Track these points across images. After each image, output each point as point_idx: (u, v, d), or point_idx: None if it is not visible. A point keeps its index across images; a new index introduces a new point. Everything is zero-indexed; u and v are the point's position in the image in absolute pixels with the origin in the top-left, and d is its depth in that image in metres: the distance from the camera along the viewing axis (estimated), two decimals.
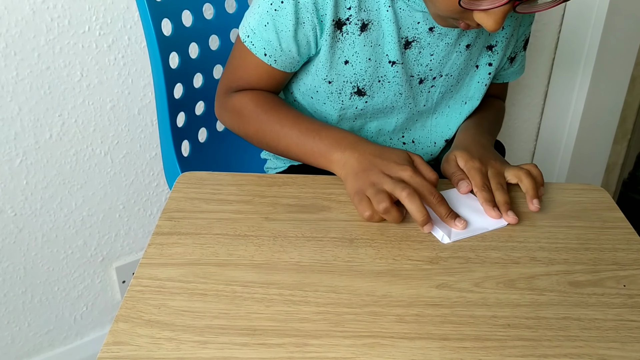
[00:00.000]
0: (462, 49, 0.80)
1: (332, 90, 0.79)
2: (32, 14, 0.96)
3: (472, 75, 0.85)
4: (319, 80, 0.79)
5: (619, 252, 0.63)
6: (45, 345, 1.24)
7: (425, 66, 0.79)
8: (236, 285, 0.56)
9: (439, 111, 0.87)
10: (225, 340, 0.50)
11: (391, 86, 0.79)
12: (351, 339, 0.50)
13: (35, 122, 1.03)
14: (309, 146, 0.73)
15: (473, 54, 0.82)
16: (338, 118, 0.82)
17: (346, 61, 0.76)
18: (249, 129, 0.79)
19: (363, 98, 0.80)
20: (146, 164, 1.18)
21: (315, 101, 0.82)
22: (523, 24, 0.86)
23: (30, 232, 1.12)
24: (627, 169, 1.78)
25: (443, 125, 0.88)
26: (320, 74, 0.78)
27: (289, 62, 0.77)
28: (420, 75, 0.80)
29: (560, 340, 0.51)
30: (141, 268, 0.57)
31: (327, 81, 0.78)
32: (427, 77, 0.81)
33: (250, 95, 0.79)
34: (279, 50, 0.75)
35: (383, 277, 0.57)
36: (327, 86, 0.79)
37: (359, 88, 0.79)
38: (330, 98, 0.80)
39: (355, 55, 0.76)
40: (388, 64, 0.77)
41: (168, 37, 0.89)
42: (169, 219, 0.64)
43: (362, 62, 0.77)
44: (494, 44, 0.83)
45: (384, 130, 0.86)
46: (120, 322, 0.51)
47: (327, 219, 0.65)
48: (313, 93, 0.82)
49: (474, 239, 0.63)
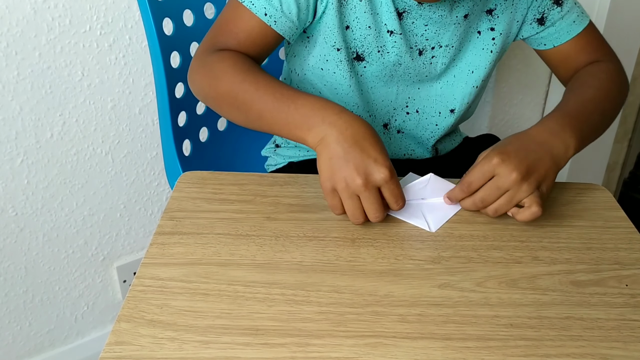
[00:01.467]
0: (460, 20, 0.79)
1: (341, 58, 0.79)
2: (33, 13, 0.96)
3: (474, 43, 0.82)
4: (328, 48, 0.78)
5: (621, 252, 0.63)
6: (46, 344, 1.24)
7: (421, 36, 0.79)
8: (238, 285, 0.56)
9: (444, 80, 0.84)
10: (227, 340, 0.50)
11: (390, 57, 0.79)
12: (353, 339, 0.50)
13: (37, 122, 1.03)
14: (284, 115, 0.65)
15: (472, 21, 0.81)
16: (348, 88, 0.82)
17: (347, 26, 0.76)
18: (221, 87, 0.70)
19: (362, 63, 0.80)
20: (147, 164, 1.18)
21: (326, 72, 0.81)
22: None
23: (32, 232, 1.12)
24: (628, 168, 1.78)
25: (448, 95, 0.85)
26: (329, 40, 0.77)
27: (288, 26, 0.73)
28: (418, 45, 0.79)
29: (562, 339, 0.51)
30: (143, 268, 0.57)
31: (336, 48, 0.78)
32: (425, 48, 0.80)
33: (230, 54, 0.72)
34: (280, 12, 0.72)
35: (385, 276, 0.57)
36: (337, 53, 0.78)
37: (357, 53, 0.79)
38: (339, 66, 0.80)
39: (356, 21, 0.76)
40: (387, 33, 0.77)
41: (169, 36, 0.89)
42: (171, 218, 0.64)
43: (363, 29, 0.77)
44: (493, 7, 0.80)
45: (387, 101, 0.85)
46: (122, 322, 0.51)
47: (328, 218, 0.65)
48: (324, 63, 0.80)
49: (475, 238, 0.63)
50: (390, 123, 0.87)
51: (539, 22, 0.82)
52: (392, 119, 0.87)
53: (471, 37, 0.82)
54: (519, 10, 0.82)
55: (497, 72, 1.43)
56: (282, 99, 0.66)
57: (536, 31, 0.84)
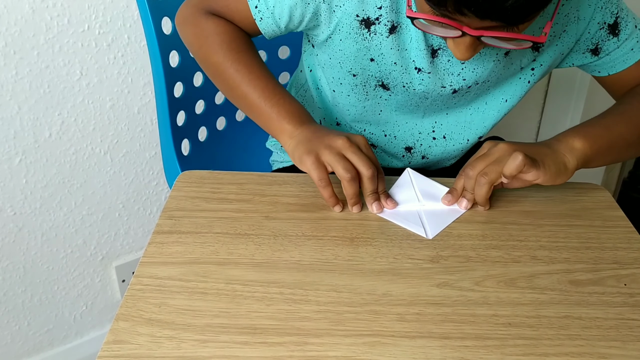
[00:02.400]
0: (500, 57, 0.74)
1: (356, 82, 0.78)
2: (32, 13, 0.95)
3: (514, 75, 0.79)
4: (343, 73, 0.78)
5: (620, 251, 0.63)
6: (45, 344, 1.24)
7: (457, 75, 0.75)
8: (236, 284, 0.55)
9: (474, 107, 0.81)
10: (225, 339, 0.50)
11: (416, 93, 0.76)
12: (352, 338, 0.50)
13: (35, 121, 1.03)
14: (267, 107, 0.72)
15: (514, 57, 0.76)
16: (363, 109, 0.81)
17: (372, 59, 0.74)
18: (211, 57, 0.75)
19: (387, 92, 0.78)
20: (146, 163, 1.18)
21: (338, 94, 0.81)
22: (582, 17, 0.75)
23: (30, 231, 1.11)
24: (627, 168, 1.78)
25: (478, 122, 0.83)
26: (345, 66, 0.76)
27: (272, 28, 0.75)
28: (454, 85, 0.76)
29: (561, 339, 0.51)
30: (141, 267, 0.57)
31: (351, 74, 0.77)
32: (461, 88, 0.76)
33: (228, 27, 0.76)
34: (269, 12, 0.73)
35: (384, 275, 0.57)
36: (352, 79, 0.78)
37: (383, 83, 0.77)
38: (354, 90, 0.79)
39: (381, 57, 0.73)
40: (414, 70, 0.74)
41: (168, 35, 0.89)
42: (169, 217, 0.64)
43: (388, 64, 0.74)
44: (541, 44, 0.74)
45: (412, 124, 0.83)
46: (120, 320, 0.51)
47: (327, 217, 0.65)
48: (337, 85, 0.80)
49: (474, 237, 0.63)
50: (415, 147, 0.85)
51: (593, 52, 0.79)
52: (417, 143, 0.84)
53: (512, 70, 0.78)
54: (565, 43, 0.77)
55: None
56: (270, 94, 0.73)
57: (589, 60, 0.80)
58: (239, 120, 1.08)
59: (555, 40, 0.76)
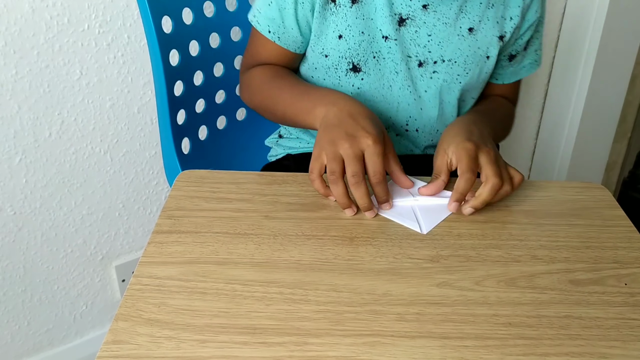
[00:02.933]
0: (464, 32, 0.78)
1: (329, 64, 0.80)
2: (32, 12, 0.95)
3: (481, 67, 0.82)
4: (316, 56, 0.80)
5: (620, 251, 0.62)
6: (45, 344, 1.24)
7: (423, 47, 0.78)
8: (236, 283, 0.55)
9: (446, 101, 0.84)
10: (225, 339, 0.49)
11: (386, 63, 0.79)
12: (351, 338, 0.50)
13: (35, 121, 1.03)
14: (299, 105, 0.74)
15: (481, 42, 0.80)
16: None
17: (340, 35, 0.77)
18: (256, 99, 0.83)
19: (359, 75, 0.80)
20: (146, 163, 1.18)
21: (316, 80, 0.84)
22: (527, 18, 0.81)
23: (30, 231, 1.11)
24: (627, 167, 1.78)
25: (448, 117, 0.85)
26: (316, 48, 0.80)
27: (292, 40, 0.80)
28: (419, 57, 0.79)
29: (561, 338, 0.51)
30: (141, 267, 0.57)
31: (323, 55, 0.80)
32: (427, 61, 0.79)
33: (260, 69, 0.82)
34: (282, 28, 0.79)
35: (383, 275, 0.57)
36: (324, 60, 0.80)
37: (354, 64, 0.79)
38: (328, 73, 0.81)
39: (349, 29, 0.77)
40: (382, 39, 0.77)
41: (168, 34, 0.89)
42: (169, 217, 0.64)
43: (356, 36, 0.77)
44: (504, 35, 0.80)
45: (386, 116, 0.84)
46: (119, 320, 0.51)
47: (327, 217, 0.65)
48: (313, 71, 0.83)
49: (474, 237, 0.63)
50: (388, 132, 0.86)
51: (510, 58, 0.86)
52: (389, 129, 0.85)
53: (478, 61, 0.81)
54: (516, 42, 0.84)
55: None
56: (298, 94, 0.76)
57: (502, 64, 0.87)
58: (239, 119, 1.08)
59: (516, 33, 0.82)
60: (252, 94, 0.83)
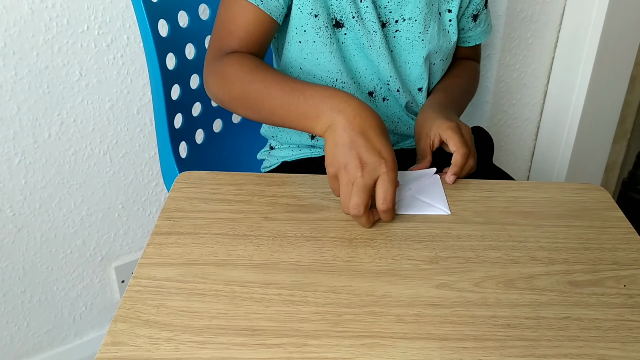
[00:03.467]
0: None
1: (319, 25, 0.81)
2: (31, 13, 0.95)
3: (438, 23, 0.87)
4: (305, 17, 0.80)
5: (619, 252, 0.62)
6: (44, 344, 1.24)
7: (384, 8, 0.82)
8: (235, 285, 0.55)
9: (412, 61, 0.87)
10: (224, 341, 0.49)
11: (364, 24, 0.81)
12: (350, 339, 0.50)
13: (34, 122, 1.03)
14: (294, 107, 0.68)
15: (433, 1, 0.85)
16: (330, 55, 0.83)
17: None
18: (233, 90, 0.74)
19: (342, 30, 0.82)
20: (145, 164, 1.18)
21: (305, 44, 0.82)
22: None
23: (29, 232, 1.11)
24: (626, 168, 1.78)
25: (417, 75, 0.89)
26: (305, 9, 0.79)
27: (274, 4, 0.77)
28: (382, 17, 0.83)
29: (560, 340, 0.51)
30: (140, 268, 0.57)
31: (313, 15, 0.80)
32: (389, 21, 0.83)
33: (236, 57, 0.76)
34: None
35: (382, 277, 0.57)
36: (314, 20, 0.80)
37: (336, 20, 0.81)
38: (319, 33, 0.81)
39: None
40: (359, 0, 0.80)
41: (165, 38, 0.89)
42: (168, 218, 0.64)
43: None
44: None
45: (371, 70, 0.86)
46: (118, 322, 0.51)
47: (326, 218, 0.65)
48: (301, 34, 0.82)
49: (473, 238, 0.63)
50: (376, 91, 0.89)
51: (474, 19, 0.93)
52: (377, 87, 0.88)
53: (435, 18, 0.86)
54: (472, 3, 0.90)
55: (496, 72, 1.43)
56: (291, 92, 0.68)
57: (470, 27, 0.93)
58: (235, 122, 1.08)
59: None
60: (228, 84, 0.74)
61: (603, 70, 1.46)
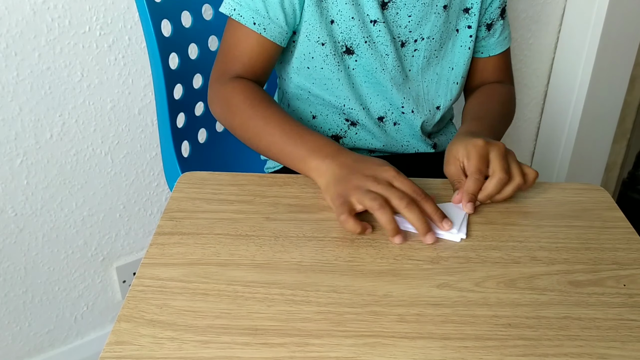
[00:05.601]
0: (439, 10, 0.82)
1: (326, 52, 0.81)
2: (33, 15, 0.96)
3: (454, 40, 0.87)
4: (312, 45, 0.81)
5: (619, 252, 0.63)
6: (45, 345, 1.24)
7: (405, 27, 0.82)
8: (238, 285, 0.56)
9: (428, 79, 0.87)
10: (227, 340, 0.50)
11: (377, 47, 0.82)
12: (352, 339, 0.50)
13: (36, 122, 1.04)
14: (290, 149, 0.71)
15: (451, 17, 0.85)
16: (338, 82, 0.84)
17: (332, 21, 0.79)
18: (234, 120, 0.78)
19: (352, 57, 0.82)
20: (146, 164, 1.18)
21: (312, 70, 0.84)
22: None
23: (31, 232, 1.12)
24: (626, 168, 1.78)
25: (433, 93, 0.89)
26: (312, 37, 0.80)
27: (278, 31, 0.79)
28: (401, 37, 0.83)
29: (560, 339, 0.52)
30: (143, 268, 0.57)
31: (320, 43, 0.81)
32: (408, 40, 0.83)
33: (241, 86, 0.78)
34: (267, 19, 0.77)
35: (384, 276, 0.58)
36: (322, 48, 0.81)
37: (347, 47, 0.81)
38: (326, 61, 0.82)
39: (340, 14, 0.79)
40: (370, 23, 0.80)
41: (168, 38, 0.89)
42: (171, 219, 0.64)
43: (347, 21, 0.79)
44: (470, 7, 0.86)
45: (382, 96, 0.86)
46: (122, 321, 0.51)
47: (328, 218, 0.65)
48: (309, 61, 0.83)
49: (474, 238, 0.64)
50: (387, 116, 0.88)
51: (487, 28, 0.90)
52: (388, 112, 0.88)
53: (450, 34, 0.86)
54: (484, 11, 0.88)
55: None
56: (290, 133, 0.72)
57: (483, 36, 0.90)
58: None
59: (481, 5, 0.86)
60: (230, 113, 0.78)
61: (603, 70, 1.46)
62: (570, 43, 1.45)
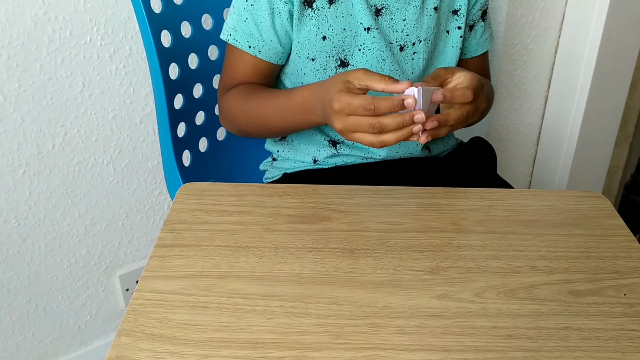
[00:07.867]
0: (430, 12, 0.83)
1: (317, 67, 0.82)
2: (34, 26, 0.96)
3: (445, 41, 0.88)
4: (302, 61, 0.82)
5: (619, 261, 0.63)
6: (49, 353, 1.24)
7: (401, 32, 0.83)
8: (237, 297, 0.56)
9: None
10: (226, 354, 0.50)
11: (372, 53, 0.82)
12: (352, 351, 0.51)
13: (38, 133, 1.04)
14: (290, 121, 0.78)
15: (442, 19, 0.86)
16: None
17: (324, 37, 0.80)
18: (241, 123, 0.83)
19: (347, 69, 0.82)
20: (148, 173, 1.18)
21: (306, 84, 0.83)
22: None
23: (34, 242, 1.12)
24: (629, 172, 1.78)
25: None
26: (302, 54, 0.81)
27: (273, 52, 0.81)
28: (399, 42, 0.83)
29: (560, 350, 0.52)
30: (143, 281, 0.57)
31: (310, 59, 0.82)
32: (406, 44, 0.84)
33: (232, 92, 0.83)
34: (262, 42, 0.80)
35: (384, 288, 0.58)
36: (312, 64, 0.82)
37: (341, 60, 0.82)
38: (317, 75, 0.83)
39: (331, 29, 0.79)
40: (364, 31, 0.80)
41: (167, 48, 0.89)
42: (171, 230, 0.65)
43: (339, 34, 0.80)
44: (458, 8, 0.87)
45: None
46: (122, 336, 0.51)
47: (327, 229, 0.66)
48: (301, 76, 0.84)
49: (473, 248, 0.64)
50: None
51: (470, 29, 0.91)
52: None
53: (441, 36, 0.87)
54: (470, 13, 0.89)
55: (497, 78, 1.43)
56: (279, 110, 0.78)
57: (465, 37, 0.91)
58: None
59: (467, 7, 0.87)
60: (235, 119, 0.84)
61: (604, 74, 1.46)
62: (570, 48, 1.45)
